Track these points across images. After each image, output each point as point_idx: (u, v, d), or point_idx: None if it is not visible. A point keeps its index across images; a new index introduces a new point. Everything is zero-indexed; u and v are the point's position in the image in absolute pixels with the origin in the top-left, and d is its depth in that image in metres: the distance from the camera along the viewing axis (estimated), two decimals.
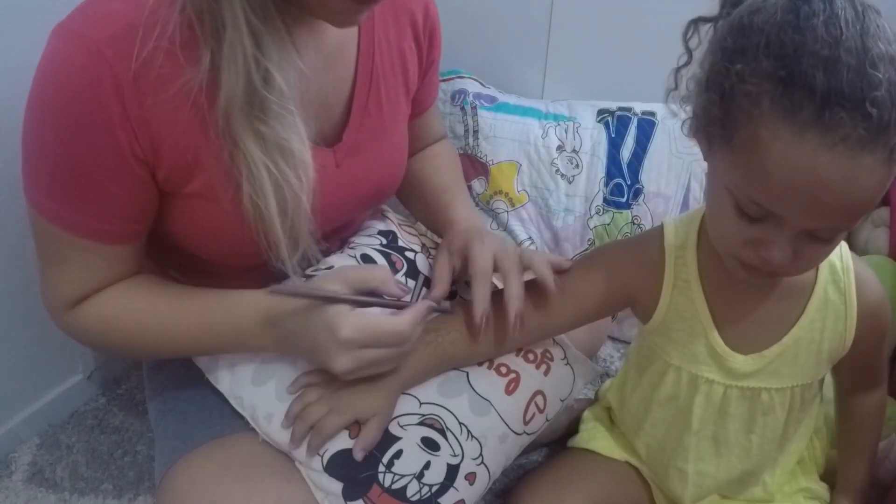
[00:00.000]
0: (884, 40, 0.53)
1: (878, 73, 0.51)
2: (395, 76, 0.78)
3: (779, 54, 0.54)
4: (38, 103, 0.60)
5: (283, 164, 0.62)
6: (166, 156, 0.62)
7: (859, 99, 0.51)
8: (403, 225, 0.90)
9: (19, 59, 0.84)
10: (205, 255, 0.72)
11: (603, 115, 1.31)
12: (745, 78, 0.55)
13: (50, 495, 1.04)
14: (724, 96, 0.57)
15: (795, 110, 0.52)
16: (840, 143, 0.52)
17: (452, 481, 0.72)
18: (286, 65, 0.60)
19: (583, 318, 0.80)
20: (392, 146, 0.80)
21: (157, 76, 0.58)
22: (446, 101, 1.35)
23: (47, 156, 0.61)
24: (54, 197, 0.62)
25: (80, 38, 0.57)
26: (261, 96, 0.59)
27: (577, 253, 1.30)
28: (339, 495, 0.69)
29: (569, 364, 0.85)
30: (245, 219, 0.64)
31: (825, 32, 0.52)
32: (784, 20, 0.54)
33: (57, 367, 1.12)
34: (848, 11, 0.53)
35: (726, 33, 0.59)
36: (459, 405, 0.75)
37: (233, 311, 0.69)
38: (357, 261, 0.79)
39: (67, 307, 0.68)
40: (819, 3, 0.54)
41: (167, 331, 0.69)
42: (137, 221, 0.66)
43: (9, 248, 0.96)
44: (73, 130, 0.59)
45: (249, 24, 0.57)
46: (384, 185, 0.82)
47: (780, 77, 0.53)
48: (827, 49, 0.52)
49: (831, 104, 0.51)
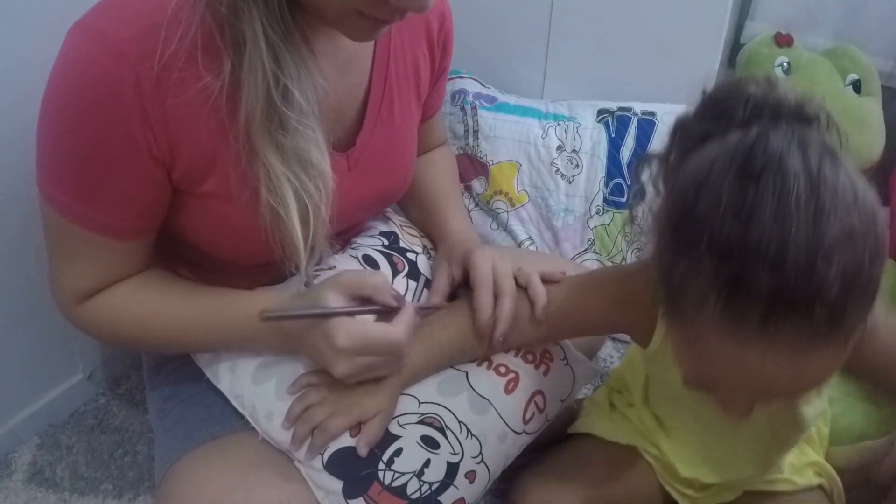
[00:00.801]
0: (841, 210, 0.48)
1: (831, 267, 0.47)
2: (407, 82, 0.79)
3: (722, 253, 0.49)
4: (56, 99, 0.60)
5: (303, 176, 0.63)
6: (183, 156, 0.62)
7: (808, 302, 0.47)
8: (405, 226, 0.90)
9: (24, 57, 0.85)
10: (216, 253, 0.72)
11: (603, 115, 1.31)
12: (689, 278, 0.51)
13: (50, 495, 1.04)
14: (670, 286, 0.54)
15: (739, 319, 0.49)
16: (787, 348, 0.48)
17: (452, 479, 0.72)
18: (305, 81, 0.60)
19: (581, 335, 0.81)
20: (402, 151, 0.81)
21: (179, 78, 0.58)
22: (446, 101, 1.36)
23: (63, 151, 0.61)
24: (69, 192, 0.63)
25: (103, 37, 0.56)
26: (280, 112, 0.59)
27: (577, 253, 1.30)
28: (340, 493, 0.69)
29: (568, 364, 0.85)
30: (259, 221, 0.64)
31: (773, 223, 0.47)
32: (729, 208, 0.49)
33: (57, 367, 1.12)
34: (801, 185, 0.48)
35: (671, 209, 0.54)
36: (459, 404, 0.75)
37: (240, 311, 0.69)
38: (359, 261, 0.79)
39: (78, 300, 0.68)
40: (769, 181, 0.49)
41: (175, 328, 0.70)
42: (149, 218, 0.67)
43: (9, 248, 0.95)
44: (91, 127, 0.59)
45: (268, 40, 0.57)
46: (393, 189, 0.82)
47: (723, 279, 0.49)
48: (774, 246, 0.47)
49: (777, 312, 0.47)
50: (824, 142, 0.52)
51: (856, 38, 1.33)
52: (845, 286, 0.47)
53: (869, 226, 0.49)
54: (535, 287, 0.76)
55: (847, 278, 0.47)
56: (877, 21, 1.31)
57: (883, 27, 1.31)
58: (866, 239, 0.48)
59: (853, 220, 0.48)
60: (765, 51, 1.35)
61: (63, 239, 0.66)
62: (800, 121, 0.54)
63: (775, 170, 0.49)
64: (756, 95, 0.55)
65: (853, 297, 0.48)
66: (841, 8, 1.32)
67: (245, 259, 0.73)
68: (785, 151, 0.50)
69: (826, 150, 0.51)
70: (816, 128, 0.55)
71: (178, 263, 0.78)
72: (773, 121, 0.54)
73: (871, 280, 0.49)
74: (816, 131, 0.54)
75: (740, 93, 0.56)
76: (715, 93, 0.59)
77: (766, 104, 0.55)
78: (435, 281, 0.79)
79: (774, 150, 0.50)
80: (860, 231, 0.48)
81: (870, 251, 0.49)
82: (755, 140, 0.51)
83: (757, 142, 0.51)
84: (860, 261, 0.48)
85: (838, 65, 1.33)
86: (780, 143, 0.50)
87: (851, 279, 0.47)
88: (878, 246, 0.49)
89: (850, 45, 1.33)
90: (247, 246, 0.69)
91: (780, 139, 0.51)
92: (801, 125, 0.54)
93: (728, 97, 0.56)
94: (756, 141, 0.51)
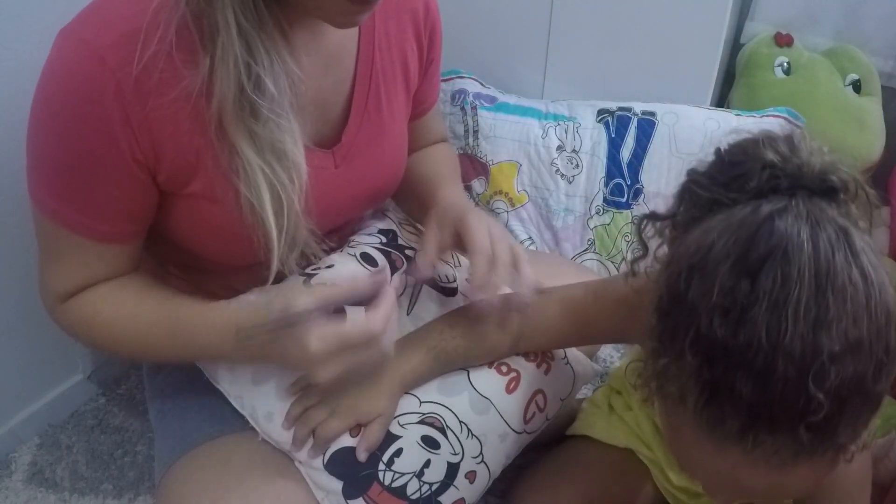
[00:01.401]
0: (848, 318, 0.42)
1: (824, 384, 0.42)
2: (395, 75, 0.78)
3: (706, 353, 0.45)
4: (42, 106, 0.61)
5: (276, 166, 0.62)
6: (167, 159, 0.62)
7: (792, 422, 0.43)
8: (404, 223, 0.90)
9: (23, 57, 0.85)
10: (205, 254, 0.72)
11: (603, 115, 1.31)
12: (672, 367, 0.48)
13: (50, 495, 1.04)
14: (656, 363, 0.50)
15: (717, 423, 0.45)
16: (765, 461, 0.45)
17: (453, 480, 0.72)
18: (278, 69, 0.60)
19: (582, 345, 0.81)
20: (391, 146, 0.80)
21: (158, 80, 0.58)
22: (446, 101, 1.36)
23: (49, 156, 0.62)
24: (55, 196, 0.63)
25: (84, 44, 0.57)
26: (251, 100, 0.59)
27: (577, 253, 1.30)
28: (340, 493, 0.69)
29: (569, 364, 0.85)
30: (243, 219, 0.64)
31: (765, 330, 0.42)
32: (719, 305, 0.44)
33: (57, 367, 1.12)
34: (804, 286, 0.42)
35: (663, 289, 0.50)
36: (460, 404, 0.75)
37: (211, 325, 0.67)
38: (357, 259, 0.79)
39: (59, 300, 0.68)
40: (768, 279, 0.43)
41: (145, 335, 0.68)
42: (136, 222, 0.67)
43: (9, 248, 0.96)
44: (75, 133, 0.59)
45: (240, 28, 0.57)
46: (383, 185, 0.82)
47: (704, 381, 0.45)
48: (763, 356, 0.42)
49: (757, 426, 0.44)
50: (842, 225, 0.46)
51: (856, 38, 1.33)
52: (839, 403, 0.43)
53: (880, 332, 0.44)
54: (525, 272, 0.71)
55: (843, 394, 0.43)
56: (877, 21, 1.31)
57: (883, 27, 1.31)
58: (874, 349, 0.43)
59: (861, 328, 0.43)
60: (765, 51, 1.35)
61: (51, 241, 0.66)
62: (822, 193, 0.49)
63: (777, 265, 0.44)
64: (774, 163, 0.49)
65: (847, 415, 0.44)
66: (841, 8, 1.32)
67: (234, 259, 0.72)
68: (792, 241, 0.44)
69: (843, 236, 0.45)
70: (841, 199, 0.49)
71: (168, 265, 0.78)
72: (789, 194, 0.48)
73: (873, 394, 0.45)
74: (838, 206, 0.49)
75: (757, 159, 0.50)
76: (730, 155, 0.53)
77: (785, 173, 0.49)
78: (423, 245, 0.74)
79: (779, 241, 0.44)
80: (868, 340, 0.43)
81: (876, 363, 0.44)
82: (760, 225, 0.46)
83: (761, 228, 0.46)
84: (861, 375, 0.43)
85: (838, 65, 1.33)
86: (788, 229, 0.45)
87: (847, 395, 0.43)
88: (888, 354, 0.44)
89: (850, 45, 1.33)
90: (234, 245, 0.68)
91: (790, 224, 0.45)
92: (821, 200, 0.48)
93: (743, 162, 0.51)
94: (761, 227, 0.46)
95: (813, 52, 1.36)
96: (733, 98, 1.40)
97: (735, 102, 1.38)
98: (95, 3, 0.60)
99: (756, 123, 1.25)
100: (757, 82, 1.35)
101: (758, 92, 1.34)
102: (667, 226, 0.57)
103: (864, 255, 0.45)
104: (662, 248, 0.57)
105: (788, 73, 1.34)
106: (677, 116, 1.27)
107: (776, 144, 0.51)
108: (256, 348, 0.65)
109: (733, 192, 0.50)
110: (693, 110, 1.27)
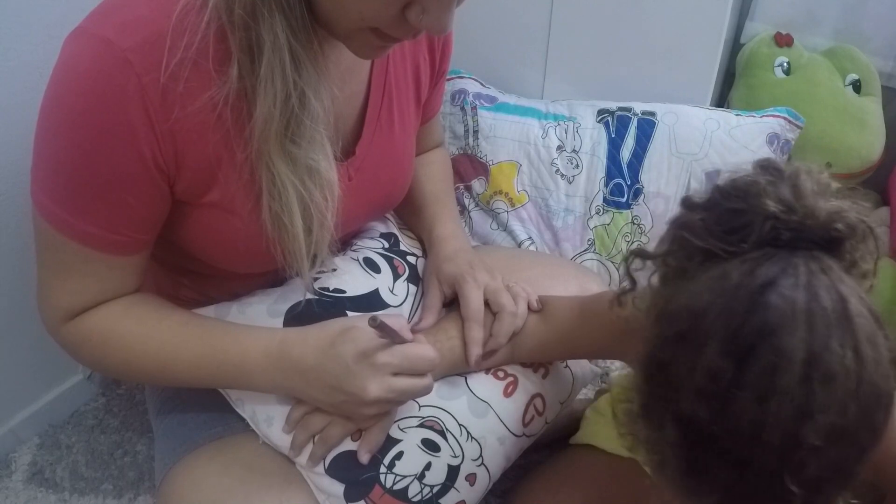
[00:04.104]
0: (836, 406, 0.41)
1: (802, 472, 0.41)
2: (407, 87, 0.78)
3: (687, 431, 0.44)
4: (56, 108, 0.57)
5: (310, 184, 0.62)
6: (188, 167, 0.61)
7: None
8: (403, 228, 0.90)
9: (24, 57, 0.85)
10: (215, 263, 0.70)
11: (603, 115, 1.31)
12: (654, 432, 0.47)
13: (50, 495, 1.04)
14: (641, 417, 0.50)
15: (694, 494, 0.46)
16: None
17: (453, 482, 0.72)
18: (322, 88, 0.60)
19: (569, 358, 0.82)
20: (401, 157, 0.80)
21: (185, 89, 0.56)
22: (446, 100, 1.36)
23: (62, 162, 0.58)
24: (66, 205, 0.60)
25: (106, 45, 0.54)
26: (297, 119, 0.59)
27: (577, 253, 1.30)
28: (341, 497, 0.69)
29: (568, 367, 0.85)
30: (262, 231, 0.63)
31: (748, 420, 0.41)
32: (703, 387, 0.43)
33: (57, 367, 1.12)
34: (793, 374, 0.41)
35: (650, 349, 0.48)
36: (458, 407, 0.75)
37: (240, 342, 0.67)
38: (360, 263, 0.79)
39: (65, 318, 0.66)
40: (755, 365, 0.42)
41: (168, 355, 0.67)
42: (148, 231, 0.64)
43: (9, 248, 0.95)
44: (94, 139, 0.56)
45: (290, 47, 0.55)
46: (393, 193, 0.82)
47: (683, 455, 0.45)
48: (742, 444, 0.42)
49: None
50: (842, 294, 0.43)
51: (856, 38, 1.33)
52: (816, 489, 0.42)
53: (868, 416, 0.43)
54: (521, 307, 0.76)
55: (821, 481, 0.42)
56: (877, 21, 1.31)
57: (883, 27, 1.31)
58: (858, 436, 0.43)
59: (848, 415, 0.41)
60: (765, 51, 1.35)
61: (55, 254, 0.63)
62: (825, 245, 0.46)
63: (767, 352, 0.42)
64: (776, 214, 0.46)
65: (824, 495, 0.44)
66: (841, 8, 1.32)
67: (246, 268, 0.71)
68: (786, 322, 0.42)
69: (841, 308, 0.43)
70: (846, 246, 0.47)
71: (178, 274, 0.78)
72: (791, 246, 0.46)
73: (850, 476, 0.44)
74: (841, 257, 0.47)
75: (758, 210, 0.47)
76: (729, 201, 0.49)
77: (787, 227, 0.46)
78: (426, 299, 0.79)
79: (772, 319, 0.42)
80: (853, 428, 0.42)
81: (858, 448, 0.43)
82: (754, 296, 0.43)
83: (755, 301, 0.43)
84: (841, 462, 0.43)
85: (838, 65, 1.33)
86: (782, 305, 0.42)
87: (825, 481, 0.43)
88: (874, 436, 0.44)
89: (849, 45, 1.33)
90: (248, 256, 0.68)
91: (785, 297, 0.43)
92: (823, 254, 0.46)
93: (744, 211, 0.48)
94: (754, 298, 0.43)
95: (813, 52, 1.36)
96: (733, 98, 1.40)
97: (735, 102, 1.38)
98: (110, 3, 0.57)
99: (756, 123, 1.25)
100: (757, 82, 1.35)
101: (758, 92, 1.34)
102: (658, 263, 0.55)
103: (861, 331, 0.43)
104: (654, 277, 0.56)
105: (788, 73, 1.34)
106: (677, 116, 1.27)
107: (779, 190, 0.47)
108: (304, 365, 0.65)
109: (731, 246, 0.47)
110: (693, 110, 1.27)
